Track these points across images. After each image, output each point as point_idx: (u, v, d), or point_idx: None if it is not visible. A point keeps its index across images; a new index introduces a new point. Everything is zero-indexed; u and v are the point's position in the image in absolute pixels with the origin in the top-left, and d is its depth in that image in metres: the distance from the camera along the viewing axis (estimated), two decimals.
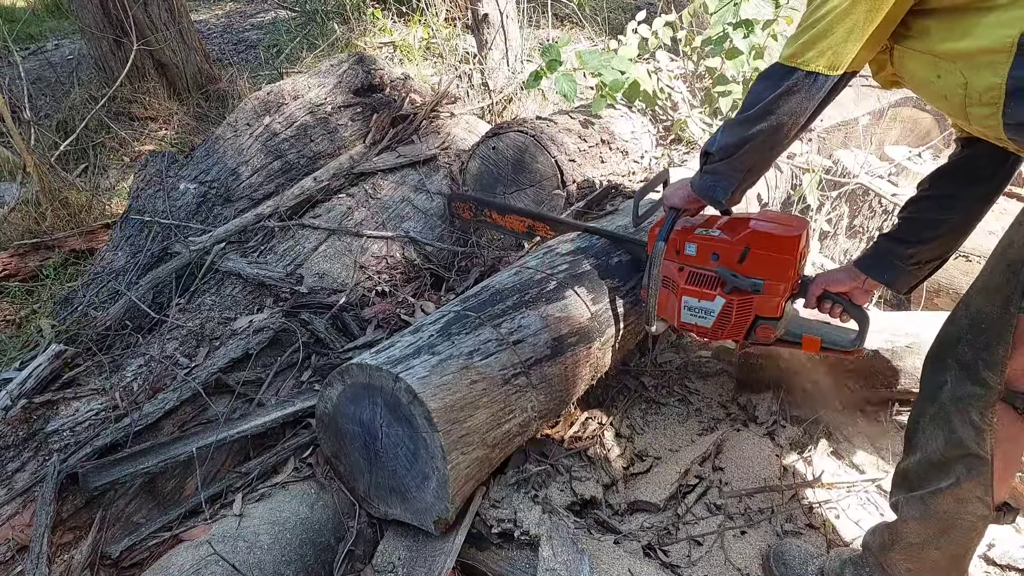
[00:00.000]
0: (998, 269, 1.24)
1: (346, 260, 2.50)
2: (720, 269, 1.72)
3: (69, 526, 1.67)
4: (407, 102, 3.19)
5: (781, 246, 1.66)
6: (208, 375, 1.97)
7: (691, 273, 1.78)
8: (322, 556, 1.65)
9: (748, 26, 2.97)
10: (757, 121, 1.43)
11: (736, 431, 2.10)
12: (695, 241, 1.76)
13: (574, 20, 5.24)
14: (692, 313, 1.80)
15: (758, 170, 1.57)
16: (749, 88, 1.49)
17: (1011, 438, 1.29)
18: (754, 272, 1.70)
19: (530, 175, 2.65)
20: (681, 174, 2.76)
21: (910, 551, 1.44)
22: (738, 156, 1.51)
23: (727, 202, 1.61)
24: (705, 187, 1.62)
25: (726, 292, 1.74)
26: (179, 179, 2.75)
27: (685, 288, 1.79)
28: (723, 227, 1.75)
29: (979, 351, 1.26)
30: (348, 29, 5.09)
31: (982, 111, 1.20)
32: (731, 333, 1.78)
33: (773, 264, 1.68)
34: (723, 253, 1.72)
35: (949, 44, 1.20)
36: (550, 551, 1.57)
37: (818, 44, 1.30)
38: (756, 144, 1.46)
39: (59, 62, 5.48)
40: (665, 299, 1.87)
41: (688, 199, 1.73)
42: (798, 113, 1.38)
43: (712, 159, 1.57)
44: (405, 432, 1.56)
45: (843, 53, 1.29)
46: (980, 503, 1.32)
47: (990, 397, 1.25)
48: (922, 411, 1.39)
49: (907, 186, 3.00)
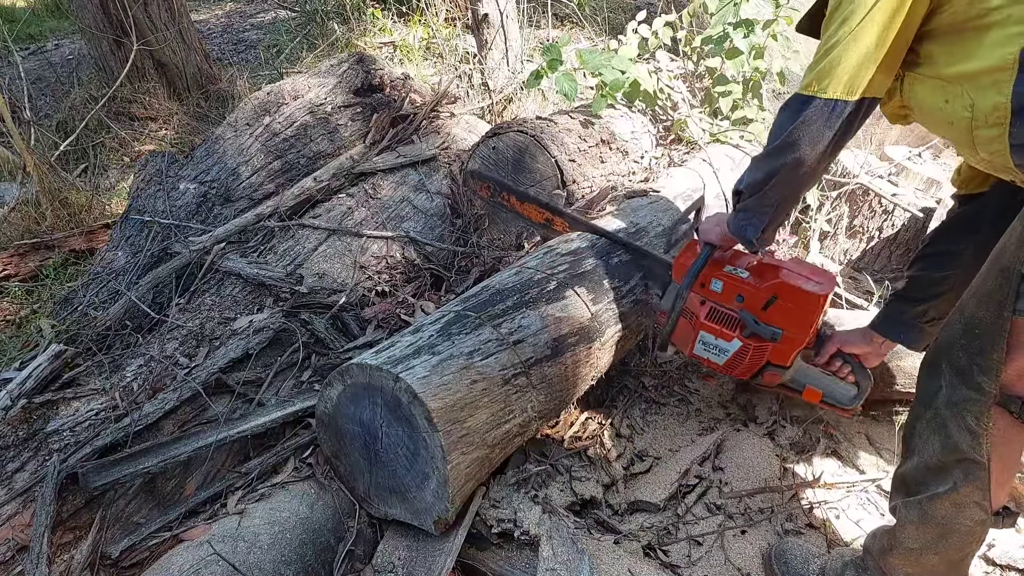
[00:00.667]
0: (991, 275, 1.24)
1: (346, 260, 2.50)
2: (743, 313, 1.74)
3: (69, 526, 1.67)
4: (407, 102, 3.19)
5: (807, 302, 1.68)
6: (208, 375, 1.97)
7: (713, 310, 1.80)
8: (322, 556, 1.65)
9: (748, 26, 2.97)
10: (780, 154, 1.45)
11: (736, 431, 2.10)
12: (722, 279, 1.77)
13: (574, 20, 5.24)
14: (706, 348, 1.82)
15: (787, 204, 1.57)
16: (773, 122, 1.50)
17: (1007, 442, 1.29)
18: (776, 322, 1.72)
19: (530, 175, 2.65)
20: (681, 174, 2.77)
21: (909, 556, 1.44)
22: (765, 192, 1.51)
23: (758, 241, 1.61)
24: (738, 226, 1.62)
25: (745, 335, 1.75)
26: (179, 179, 2.75)
27: (704, 323, 1.80)
28: (752, 269, 1.76)
29: (973, 356, 1.26)
30: (348, 29, 5.09)
31: (989, 133, 1.22)
32: (740, 373, 1.82)
33: (796, 318, 1.70)
34: (749, 297, 1.73)
35: (954, 67, 1.23)
36: (550, 551, 1.57)
37: (834, 71, 1.33)
38: (782, 177, 1.47)
39: (59, 62, 5.48)
40: (682, 328, 1.87)
41: (723, 236, 1.73)
42: (818, 141, 1.39)
43: (743, 197, 1.58)
44: (405, 432, 1.56)
45: (858, 77, 1.32)
46: (978, 508, 1.32)
47: (985, 402, 1.26)
48: (918, 416, 1.40)
49: (907, 186, 3.00)
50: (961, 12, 1.21)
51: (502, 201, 2.56)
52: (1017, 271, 1.18)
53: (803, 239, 3.05)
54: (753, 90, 3.18)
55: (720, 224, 1.73)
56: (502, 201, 2.56)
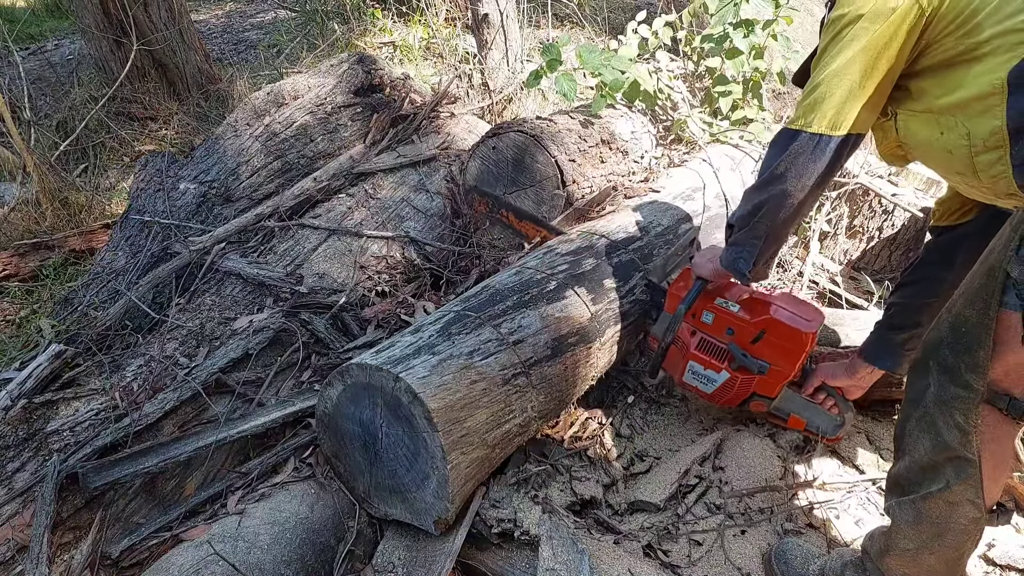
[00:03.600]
0: (979, 274, 1.26)
1: (346, 260, 2.50)
2: (732, 346, 1.80)
3: (69, 526, 1.67)
4: (407, 102, 3.19)
5: (795, 339, 1.74)
6: (208, 375, 1.97)
7: (703, 340, 1.87)
8: (322, 556, 1.65)
9: (748, 26, 2.97)
10: (768, 186, 1.49)
11: (736, 431, 2.10)
12: (713, 311, 1.83)
13: (574, 20, 5.24)
14: (695, 377, 1.90)
15: (775, 238, 1.60)
16: (763, 156, 1.57)
17: (997, 439, 1.29)
18: (764, 356, 1.79)
19: (530, 175, 2.65)
20: (681, 174, 2.77)
21: (905, 556, 1.44)
22: (753, 224, 1.56)
23: (751, 274, 1.65)
24: (730, 260, 1.67)
25: (733, 368, 1.82)
26: (179, 179, 2.75)
27: (694, 354, 1.87)
28: (743, 303, 1.82)
29: (960, 354, 1.27)
30: (348, 29, 5.09)
31: (989, 157, 1.23)
32: (727, 401, 1.91)
33: (784, 353, 1.77)
34: (738, 330, 1.80)
35: (945, 99, 1.26)
36: (550, 551, 1.57)
37: (820, 106, 1.37)
38: (769, 209, 1.52)
39: (59, 62, 5.47)
40: (673, 355, 1.94)
41: (716, 272, 1.78)
42: (804, 174, 1.43)
43: (734, 231, 1.63)
44: (405, 432, 1.56)
45: (844, 113, 1.36)
46: (971, 506, 1.32)
47: (973, 399, 1.26)
48: (908, 415, 1.40)
49: (907, 186, 3.00)
50: (951, 49, 1.24)
51: (501, 218, 2.65)
52: (1003, 269, 1.20)
53: (803, 239, 3.05)
54: (753, 90, 3.18)
55: (713, 260, 1.78)
56: (501, 218, 2.65)
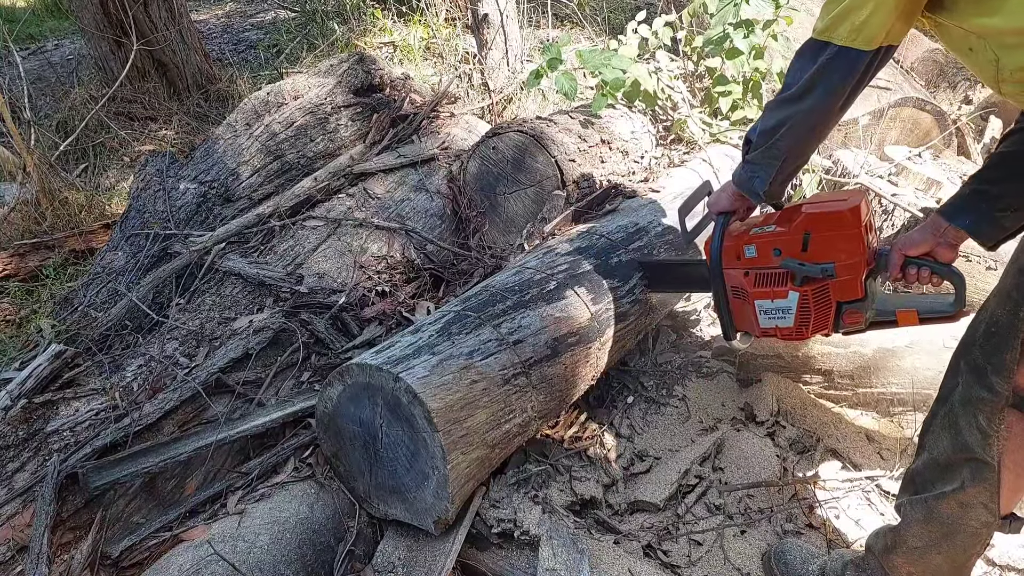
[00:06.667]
0: (1010, 274, 1.23)
1: (346, 260, 2.50)
2: (785, 262, 1.63)
3: (69, 526, 1.67)
4: (407, 102, 3.19)
5: (842, 222, 1.55)
6: (208, 375, 1.97)
7: (758, 275, 1.70)
8: (322, 556, 1.65)
9: (748, 26, 2.97)
10: (796, 101, 1.38)
11: (736, 431, 2.10)
12: (753, 242, 1.69)
13: (574, 20, 5.24)
14: (769, 316, 1.72)
15: (796, 157, 1.50)
16: (788, 67, 1.42)
17: (1021, 447, 1.26)
18: (821, 257, 1.59)
19: (530, 175, 2.65)
20: (681, 174, 2.77)
21: (912, 555, 1.42)
22: (775, 141, 1.45)
23: (765, 194, 1.55)
24: (745, 178, 1.56)
25: (798, 285, 1.64)
26: (179, 179, 2.75)
27: (755, 291, 1.71)
28: (777, 221, 1.67)
29: (989, 355, 1.24)
30: (348, 29, 5.08)
31: (1012, 89, 1.20)
32: (816, 326, 1.68)
33: (838, 243, 1.57)
34: (784, 246, 1.63)
35: (978, 20, 1.16)
36: (550, 551, 1.57)
37: (849, 17, 1.24)
38: (795, 125, 1.40)
39: (59, 62, 5.47)
40: (739, 309, 1.79)
41: (733, 197, 1.67)
42: (834, 88, 1.33)
43: (752, 146, 1.52)
44: (405, 432, 1.56)
45: (876, 26, 1.24)
46: (984, 510, 1.30)
47: (997, 402, 1.24)
48: (935, 412, 1.38)
49: (907, 186, 3.00)
50: None
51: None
52: None
53: None
54: (753, 90, 3.18)
55: (726, 188, 1.67)
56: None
